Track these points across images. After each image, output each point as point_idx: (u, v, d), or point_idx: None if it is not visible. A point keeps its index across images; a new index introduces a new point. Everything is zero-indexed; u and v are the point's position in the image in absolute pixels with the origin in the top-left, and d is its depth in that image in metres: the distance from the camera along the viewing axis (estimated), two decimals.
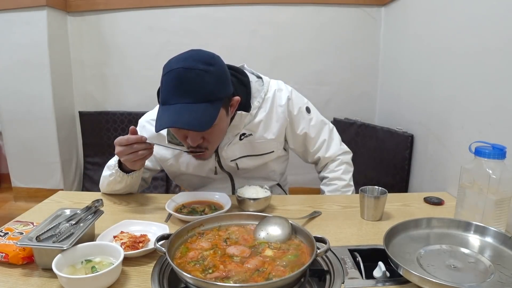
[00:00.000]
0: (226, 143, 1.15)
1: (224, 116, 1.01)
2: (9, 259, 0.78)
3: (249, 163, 1.20)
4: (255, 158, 1.20)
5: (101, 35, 2.61)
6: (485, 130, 1.21)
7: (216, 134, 1.03)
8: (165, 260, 0.79)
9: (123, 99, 2.71)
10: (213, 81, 0.94)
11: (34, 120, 2.55)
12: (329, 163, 1.32)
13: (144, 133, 1.15)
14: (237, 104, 1.06)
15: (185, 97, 0.93)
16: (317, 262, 0.79)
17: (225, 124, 1.05)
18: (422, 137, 1.76)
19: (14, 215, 1.05)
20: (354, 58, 2.53)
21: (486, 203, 0.91)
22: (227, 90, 1.00)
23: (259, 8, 2.47)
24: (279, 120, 1.18)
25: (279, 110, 1.18)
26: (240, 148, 1.17)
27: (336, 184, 1.28)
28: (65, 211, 0.90)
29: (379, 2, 2.40)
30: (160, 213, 1.09)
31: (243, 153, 1.18)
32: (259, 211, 1.07)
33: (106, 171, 1.19)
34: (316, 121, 1.26)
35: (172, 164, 1.22)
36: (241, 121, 1.13)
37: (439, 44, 1.59)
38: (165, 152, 1.21)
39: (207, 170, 1.22)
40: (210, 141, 1.04)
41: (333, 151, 1.29)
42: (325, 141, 1.27)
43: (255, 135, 1.17)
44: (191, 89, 0.93)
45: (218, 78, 0.96)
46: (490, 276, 0.72)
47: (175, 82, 0.94)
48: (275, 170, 1.30)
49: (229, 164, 1.19)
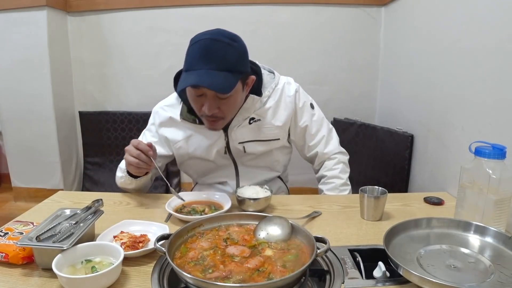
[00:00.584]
0: (236, 125, 1.21)
1: (240, 90, 1.09)
2: (9, 259, 0.79)
3: (255, 147, 1.25)
4: (262, 143, 1.25)
5: (101, 35, 2.61)
6: (485, 130, 1.21)
7: (231, 105, 1.10)
8: (165, 260, 0.79)
9: (123, 99, 2.71)
10: (235, 55, 1.04)
11: (34, 119, 2.55)
12: (326, 160, 1.34)
13: (157, 118, 1.27)
14: (252, 83, 1.14)
15: (209, 64, 1.01)
16: (317, 262, 0.79)
17: (239, 98, 1.12)
18: (422, 137, 1.76)
19: (14, 215, 1.05)
20: (354, 58, 2.53)
21: (486, 203, 0.91)
22: (246, 67, 1.10)
23: (259, 8, 2.47)
24: (287, 109, 1.25)
25: (287, 100, 1.25)
26: (249, 131, 1.22)
27: (334, 183, 1.30)
28: (65, 211, 0.90)
29: (379, 2, 2.40)
30: (160, 213, 1.09)
31: (251, 137, 1.23)
32: (259, 211, 1.07)
33: (118, 172, 1.25)
34: (318, 117, 1.31)
35: (181, 146, 1.26)
36: (252, 105, 1.20)
37: (439, 44, 1.59)
38: (176, 134, 1.25)
39: (215, 153, 1.24)
40: (225, 112, 1.10)
41: (331, 148, 1.32)
42: (324, 137, 1.32)
43: (263, 120, 1.23)
44: (216, 58, 1.01)
45: (240, 54, 1.06)
46: (490, 276, 0.72)
47: (202, 50, 1.02)
48: (279, 160, 1.33)
49: (237, 146, 1.24)
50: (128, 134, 2.66)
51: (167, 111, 1.26)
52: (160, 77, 2.62)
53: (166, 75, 2.60)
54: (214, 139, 1.23)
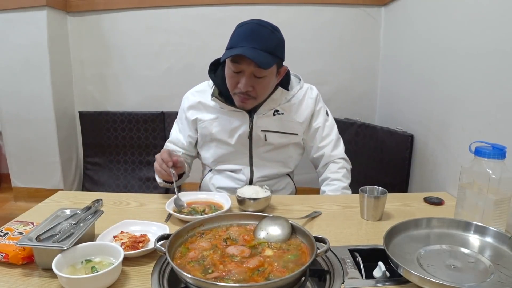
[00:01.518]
0: (262, 113, 1.29)
1: (274, 74, 1.19)
2: (9, 259, 0.79)
3: (275, 138, 1.32)
4: (282, 135, 1.32)
5: (101, 35, 2.61)
6: (485, 130, 1.21)
7: (264, 85, 1.19)
8: (165, 260, 0.79)
9: (123, 99, 2.71)
10: (276, 41, 1.16)
11: (34, 120, 2.55)
12: (330, 163, 1.37)
13: (186, 102, 1.37)
14: (284, 73, 1.25)
15: (252, 43, 1.11)
16: (317, 262, 0.79)
17: (272, 82, 1.21)
18: (422, 137, 1.76)
19: (14, 215, 1.05)
20: (354, 58, 2.53)
21: (486, 203, 0.91)
22: (282, 55, 1.20)
23: (259, 8, 2.47)
24: (308, 108, 1.35)
25: (309, 101, 1.35)
26: (272, 122, 1.30)
27: (336, 185, 1.32)
28: (65, 211, 0.90)
29: (379, 2, 2.40)
30: (160, 213, 1.09)
31: (273, 128, 1.31)
32: (259, 211, 1.07)
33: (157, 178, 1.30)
34: (330, 124, 1.40)
35: (206, 126, 1.33)
36: (280, 97, 1.28)
37: (439, 44, 1.59)
38: (204, 115, 1.33)
39: (236, 137, 1.31)
40: (258, 91, 1.19)
41: (338, 151, 1.38)
42: (333, 141, 1.38)
43: (286, 114, 1.31)
44: (259, 39, 1.12)
45: (279, 42, 1.18)
46: (490, 276, 0.72)
47: (248, 32, 1.14)
48: (292, 157, 1.40)
49: (259, 133, 1.30)
50: (128, 134, 2.66)
51: (196, 96, 1.35)
52: (160, 77, 2.62)
53: (166, 75, 2.63)
54: (239, 123, 1.30)
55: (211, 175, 1.41)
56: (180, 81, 2.48)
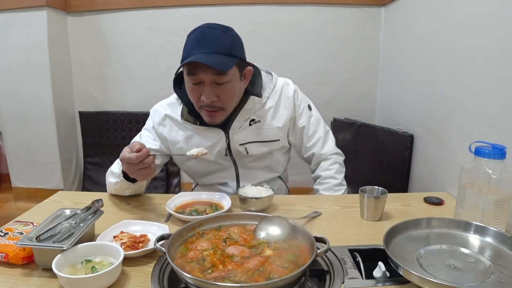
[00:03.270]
0: (237, 126, 1.21)
1: (237, 77, 1.09)
2: (9, 259, 0.79)
3: (256, 149, 1.25)
4: (262, 144, 1.25)
5: (101, 35, 2.61)
6: (485, 130, 1.21)
7: (229, 92, 1.09)
8: (165, 260, 0.79)
9: (123, 99, 2.71)
10: (230, 41, 1.06)
11: (34, 120, 2.55)
12: (322, 161, 1.35)
13: (156, 117, 1.26)
14: (250, 75, 1.15)
15: (206, 47, 1.02)
16: (317, 262, 0.79)
17: (237, 86, 1.11)
18: (422, 137, 1.76)
19: (14, 215, 1.05)
20: (354, 58, 2.53)
21: (486, 203, 0.91)
22: (242, 54, 1.10)
23: (259, 8, 2.47)
24: (286, 110, 1.26)
25: (287, 101, 1.26)
26: (249, 133, 1.23)
27: (329, 183, 1.31)
28: (65, 211, 0.90)
29: (379, 2, 2.40)
30: (160, 213, 1.09)
31: (251, 139, 1.23)
32: (262, 210, 1.07)
33: (111, 178, 1.17)
34: (315, 119, 1.33)
35: (181, 147, 1.24)
36: (253, 106, 1.20)
37: (439, 44, 1.59)
38: (176, 135, 1.24)
39: (216, 154, 1.24)
40: (224, 100, 1.09)
41: (327, 149, 1.34)
42: (321, 138, 1.33)
43: (263, 122, 1.23)
44: (212, 42, 1.03)
45: (235, 41, 1.08)
46: (490, 276, 0.72)
47: (199, 37, 1.05)
48: (279, 161, 1.34)
49: (238, 148, 1.23)
50: (128, 134, 2.66)
51: (167, 109, 1.25)
52: (160, 77, 2.62)
53: (166, 75, 2.62)
54: (214, 141, 1.22)
55: (199, 188, 1.38)
56: None
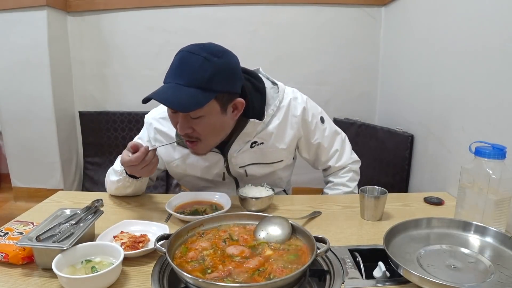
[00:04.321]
0: (237, 150, 1.13)
1: (217, 111, 0.98)
2: (9, 259, 0.78)
3: (257, 170, 1.19)
4: (264, 166, 1.19)
5: (101, 35, 2.61)
6: (485, 130, 1.21)
7: (205, 127, 0.99)
8: (165, 260, 0.79)
9: (123, 99, 2.71)
10: (211, 71, 0.93)
11: (34, 120, 2.55)
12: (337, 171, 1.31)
13: (152, 132, 1.19)
14: (242, 107, 1.03)
15: (179, 77, 0.94)
16: (317, 262, 0.79)
17: (217, 121, 1.00)
18: (422, 137, 1.76)
19: (14, 215, 1.05)
20: (354, 58, 2.53)
21: (486, 203, 0.91)
22: (226, 87, 0.97)
23: (259, 8, 2.47)
24: (293, 130, 1.16)
25: (293, 120, 1.16)
26: (250, 155, 1.15)
27: (340, 190, 1.28)
28: (65, 211, 0.90)
29: (379, 2, 2.40)
30: (160, 213, 1.09)
31: (252, 161, 1.17)
32: (262, 210, 1.07)
33: (112, 176, 1.15)
34: (330, 131, 1.25)
35: (178, 165, 1.20)
36: (254, 129, 1.11)
37: (439, 44, 1.58)
38: (172, 152, 1.18)
39: (214, 174, 1.19)
40: (200, 133, 1.00)
41: (343, 161, 1.28)
42: (337, 151, 1.27)
43: (267, 143, 1.14)
44: (186, 72, 0.94)
45: (219, 71, 0.94)
46: (490, 276, 0.72)
47: (177, 63, 0.97)
48: (282, 178, 1.28)
49: (238, 170, 1.18)
50: (128, 134, 2.66)
51: (163, 125, 1.17)
52: (160, 77, 2.56)
53: None
54: (212, 161, 1.16)
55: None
56: None
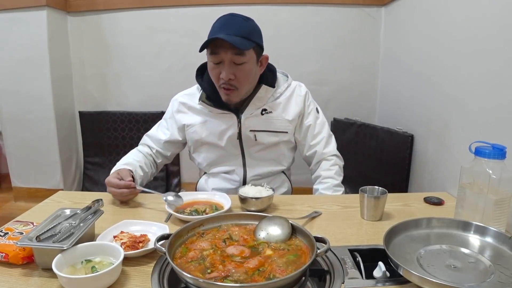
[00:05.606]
0: (249, 113, 1.29)
1: (254, 61, 1.20)
2: (9, 259, 0.79)
3: (265, 137, 1.32)
4: (271, 134, 1.33)
5: (101, 35, 2.61)
6: (485, 130, 1.21)
7: (245, 73, 1.19)
8: (165, 260, 0.79)
9: (123, 99, 2.71)
10: (250, 27, 1.19)
11: (34, 120, 2.55)
12: (322, 160, 1.39)
13: (175, 105, 1.38)
14: (266, 62, 1.27)
15: (227, 29, 1.15)
16: (317, 262, 0.79)
17: (253, 69, 1.21)
18: (422, 137, 1.76)
19: (14, 215, 1.05)
20: (354, 58, 2.53)
21: (486, 203, 0.91)
22: (260, 40, 1.21)
23: (259, 8, 2.47)
24: (297, 106, 1.34)
25: (298, 99, 1.35)
26: (260, 121, 1.31)
27: (329, 182, 1.34)
28: (65, 211, 0.90)
29: (379, 2, 2.40)
30: (160, 213, 1.09)
31: (262, 127, 1.31)
32: (262, 209, 1.07)
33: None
34: (321, 121, 1.40)
35: (195, 131, 1.34)
36: (265, 95, 1.30)
37: (439, 44, 1.59)
38: (193, 119, 1.34)
39: (226, 139, 1.31)
40: (240, 79, 1.19)
41: (329, 149, 1.39)
42: (324, 138, 1.39)
43: (274, 113, 1.32)
44: (233, 27, 1.16)
45: (254, 28, 1.21)
46: (490, 276, 0.72)
47: (222, 22, 1.18)
48: (285, 154, 1.40)
49: (248, 134, 1.31)
50: (128, 134, 2.66)
51: (184, 98, 1.37)
52: (160, 77, 2.62)
53: (166, 75, 2.63)
54: (227, 125, 1.30)
55: (206, 177, 1.43)
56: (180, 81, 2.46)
